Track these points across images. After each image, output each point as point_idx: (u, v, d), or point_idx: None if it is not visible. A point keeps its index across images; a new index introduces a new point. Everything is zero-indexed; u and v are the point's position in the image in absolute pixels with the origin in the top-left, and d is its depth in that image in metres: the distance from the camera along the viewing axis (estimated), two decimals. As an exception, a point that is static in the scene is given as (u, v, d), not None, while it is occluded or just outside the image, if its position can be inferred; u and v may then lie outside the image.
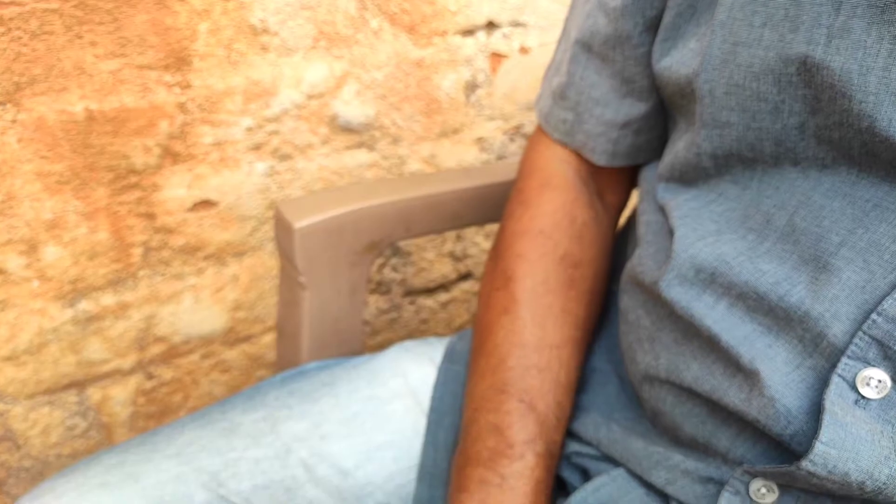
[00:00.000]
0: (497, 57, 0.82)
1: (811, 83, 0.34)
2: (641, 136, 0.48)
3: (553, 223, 0.49)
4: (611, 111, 0.47)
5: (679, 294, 0.38)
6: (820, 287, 0.33)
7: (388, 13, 0.72)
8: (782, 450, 0.35)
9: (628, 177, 0.52)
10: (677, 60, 0.40)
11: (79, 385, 0.73)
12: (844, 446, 0.31)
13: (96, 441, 0.78)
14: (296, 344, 0.77)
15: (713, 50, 0.37)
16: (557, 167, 0.50)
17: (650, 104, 0.47)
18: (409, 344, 0.58)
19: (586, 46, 0.47)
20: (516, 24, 0.81)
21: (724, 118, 0.37)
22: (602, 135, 0.48)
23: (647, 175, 0.48)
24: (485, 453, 0.41)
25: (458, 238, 0.90)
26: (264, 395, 0.52)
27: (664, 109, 0.47)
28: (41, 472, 0.75)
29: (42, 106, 0.59)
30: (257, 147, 0.71)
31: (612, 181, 0.52)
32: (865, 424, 0.31)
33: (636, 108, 0.46)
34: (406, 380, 0.54)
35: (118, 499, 0.44)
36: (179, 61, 0.63)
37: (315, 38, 0.69)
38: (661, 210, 0.43)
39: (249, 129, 0.70)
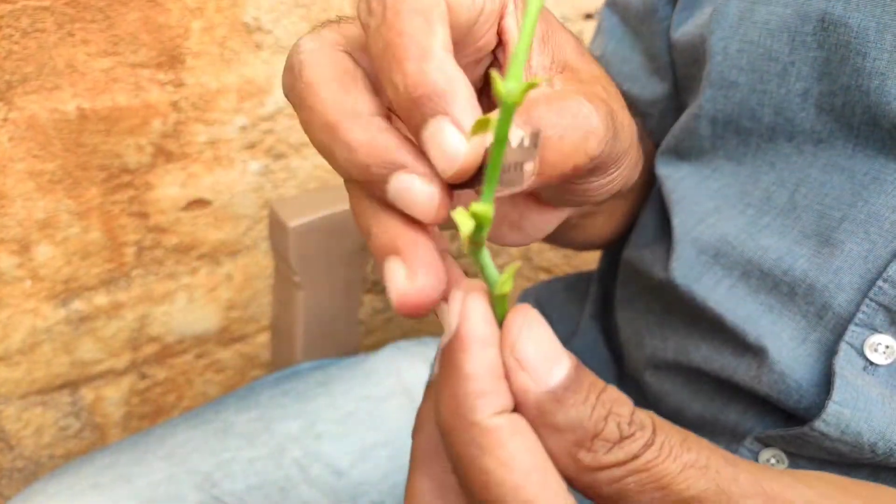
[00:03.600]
0: (492, 55, 0.82)
1: (824, 44, 0.34)
2: (667, 119, 0.47)
3: None
4: (637, 87, 0.47)
5: (682, 278, 0.39)
6: (823, 260, 0.34)
7: (383, 11, 0.72)
8: (793, 422, 0.35)
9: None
10: (693, 25, 0.41)
11: (72, 385, 0.73)
12: (857, 406, 0.31)
13: (90, 441, 0.77)
14: (290, 343, 0.77)
15: (730, 8, 0.38)
16: None
17: (673, 84, 0.47)
18: (403, 343, 0.58)
19: (623, 19, 0.47)
20: (511, 23, 0.81)
21: (732, 77, 0.38)
22: (629, 109, 0.48)
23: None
24: None
25: (453, 237, 0.90)
26: (258, 394, 0.52)
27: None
28: (34, 472, 0.75)
29: (34, 104, 0.59)
30: (251, 146, 0.71)
31: None
32: (875, 389, 0.32)
33: (660, 88, 0.46)
34: (400, 379, 0.53)
35: (110, 500, 0.43)
36: (172, 59, 0.63)
37: (309, 37, 0.69)
38: (659, 190, 0.43)
39: (243, 128, 0.70)
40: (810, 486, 0.19)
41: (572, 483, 0.18)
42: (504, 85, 0.17)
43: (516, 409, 0.18)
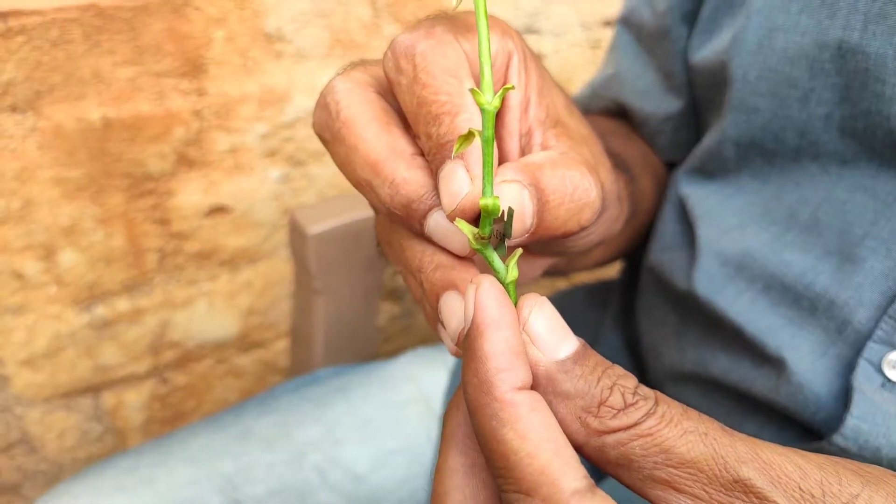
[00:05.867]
0: (510, 64, 0.82)
1: (843, 70, 0.34)
2: (680, 134, 0.48)
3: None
4: (652, 104, 0.47)
5: (704, 289, 0.39)
6: (845, 276, 0.34)
7: (402, 20, 0.73)
8: (810, 437, 0.35)
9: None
10: (712, 50, 0.41)
11: (94, 389, 0.74)
12: (875, 421, 0.31)
13: (111, 446, 0.78)
14: (309, 349, 0.77)
15: (749, 35, 0.38)
16: None
17: (688, 101, 0.47)
18: (422, 350, 0.58)
19: (637, 38, 0.48)
20: (530, 31, 0.81)
21: (753, 103, 0.38)
22: (642, 126, 0.48)
23: (672, 178, 0.48)
24: None
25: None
26: (277, 400, 0.52)
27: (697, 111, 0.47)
28: (57, 475, 0.76)
29: (61, 113, 0.60)
30: (272, 153, 0.72)
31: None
32: (893, 406, 0.32)
33: (675, 104, 0.46)
34: (419, 385, 0.54)
35: (133, 502, 0.44)
36: (195, 69, 0.64)
37: (330, 46, 0.70)
38: (683, 206, 0.43)
39: (264, 136, 0.70)
40: (805, 456, 0.20)
41: (582, 449, 0.20)
42: (483, 96, 0.20)
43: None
